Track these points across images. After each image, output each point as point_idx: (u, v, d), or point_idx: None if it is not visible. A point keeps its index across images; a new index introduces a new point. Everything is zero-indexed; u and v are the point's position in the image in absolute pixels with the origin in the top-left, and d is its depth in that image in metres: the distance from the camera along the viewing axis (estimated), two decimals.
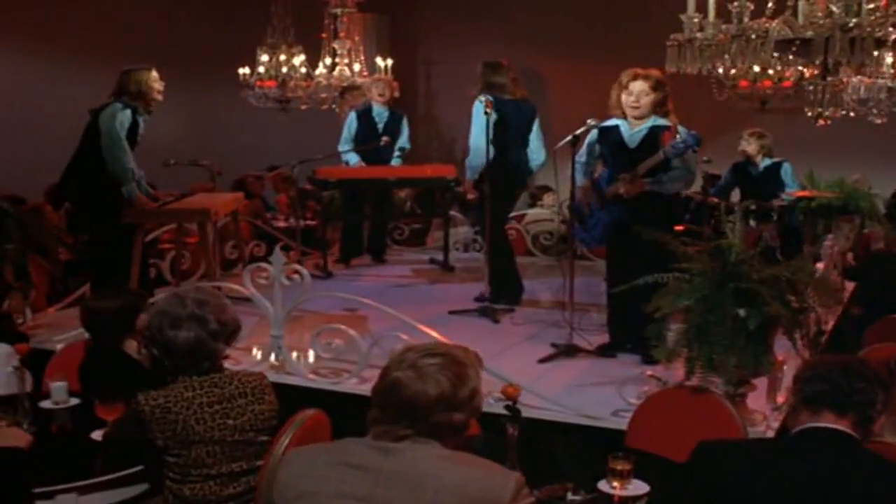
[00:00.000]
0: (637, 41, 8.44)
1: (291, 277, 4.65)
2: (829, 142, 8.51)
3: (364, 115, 7.58)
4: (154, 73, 5.64)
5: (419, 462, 2.08)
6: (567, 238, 5.54)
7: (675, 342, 3.60)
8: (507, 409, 2.85)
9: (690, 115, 5.00)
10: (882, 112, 7.14)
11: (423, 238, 8.85)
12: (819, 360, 2.57)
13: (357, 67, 9.43)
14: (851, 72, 6.37)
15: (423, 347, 2.24)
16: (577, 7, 10.62)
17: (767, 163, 7.19)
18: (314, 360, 4.73)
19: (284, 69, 9.34)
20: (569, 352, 4.97)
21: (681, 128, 4.86)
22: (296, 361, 4.68)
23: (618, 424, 3.80)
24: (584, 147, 5.07)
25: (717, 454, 2.43)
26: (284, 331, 4.69)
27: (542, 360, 4.91)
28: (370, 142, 7.38)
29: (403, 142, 7.68)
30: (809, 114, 7.01)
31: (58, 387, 3.45)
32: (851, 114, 7.20)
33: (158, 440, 2.79)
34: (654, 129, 4.82)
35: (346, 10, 9.20)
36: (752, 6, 3.63)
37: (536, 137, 6.04)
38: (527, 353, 5.02)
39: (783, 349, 3.83)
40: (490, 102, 5.60)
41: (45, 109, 8.84)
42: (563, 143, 5.03)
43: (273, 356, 4.68)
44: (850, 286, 6.04)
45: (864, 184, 6.87)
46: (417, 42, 12.01)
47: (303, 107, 9.51)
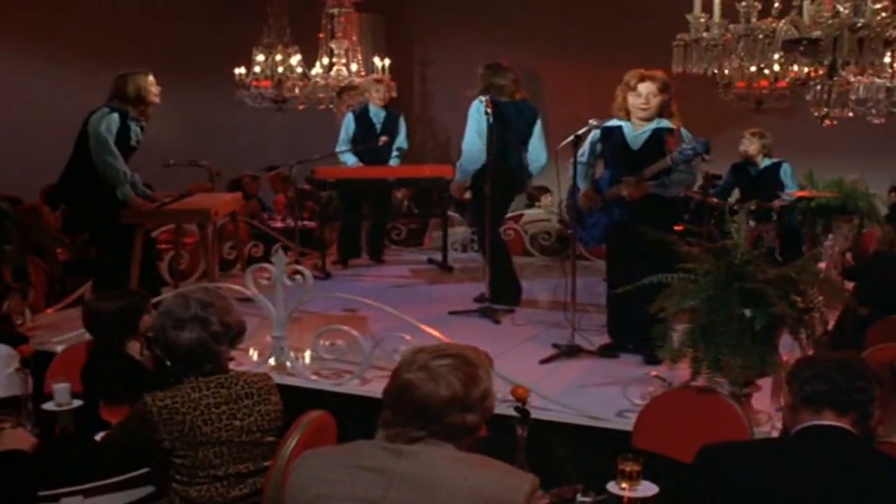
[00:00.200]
0: (634, 41, 8.47)
1: (293, 278, 4.64)
2: (826, 142, 8.52)
3: (361, 117, 7.56)
4: (150, 78, 5.63)
5: (433, 464, 2.05)
6: (566, 238, 5.52)
7: (681, 342, 3.59)
8: (517, 411, 2.84)
9: (688, 115, 4.98)
10: (881, 112, 7.15)
11: (420, 238, 8.84)
12: (815, 359, 2.56)
13: (354, 67, 9.42)
14: (853, 72, 6.37)
15: (434, 348, 2.21)
16: (573, 7, 10.61)
17: (767, 163, 7.18)
18: (313, 361, 4.71)
19: (280, 69, 9.33)
20: (570, 352, 4.95)
21: (684, 131, 4.84)
22: (298, 362, 4.67)
23: (622, 425, 3.80)
24: (587, 146, 5.03)
25: (721, 457, 2.42)
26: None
27: (544, 361, 4.89)
28: (368, 142, 7.37)
29: (401, 141, 7.65)
30: (816, 114, 7.02)
31: (61, 388, 3.40)
32: (850, 113, 7.21)
33: (165, 441, 2.77)
34: (658, 132, 4.80)
35: (344, 10, 9.19)
36: (760, 6, 3.63)
37: (538, 140, 5.96)
38: (528, 354, 5.01)
39: (785, 349, 3.82)
40: (491, 103, 5.57)
41: (42, 110, 8.83)
42: (565, 144, 5.00)
43: (273, 357, 4.66)
44: (849, 286, 6.05)
45: (862, 184, 6.89)
46: (412, 42, 12.00)
47: (300, 107, 9.49)
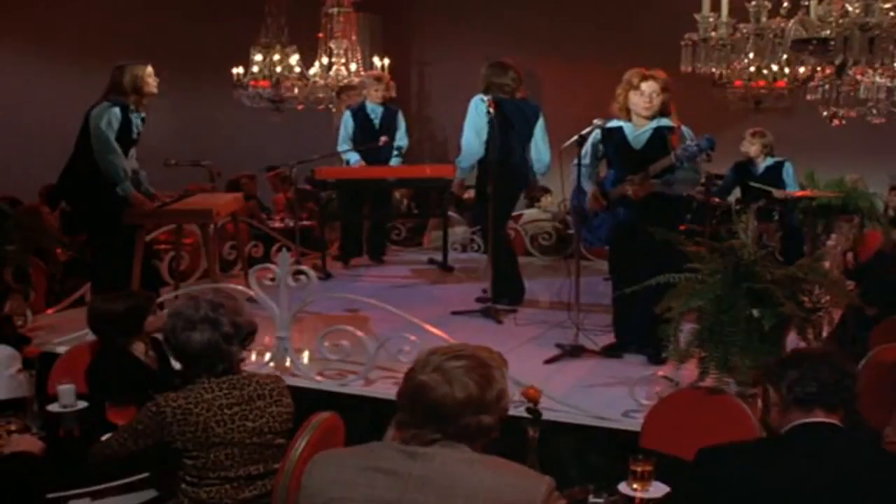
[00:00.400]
0: (634, 41, 8.48)
1: (297, 278, 4.62)
2: (826, 142, 8.54)
3: (359, 113, 7.51)
4: (149, 69, 5.52)
5: (449, 466, 2.04)
6: (567, 238, 5.51)
7: (688, 343, 3.58)
8: (528, 412, 2.83)
9: (688, 115, 4.98)
10: (881, 112, 7.16)
11: (420, 238, 8.83)
12: (798, 359, 2.57)
13: (354, 67, 9.40)
14: (859, 71, 6.37)
15: (448, 349, 2.19)
16: (570, 6, 10.62)
17: (769, 162, 7.16)
18: (317, 362, 4.69)
19: (278, 69, 9.31)
20: (574, 352, 4.94)
21: (685, 129, 4.84)
22: (303, 363, 4.66)
23: (629, 425, 3.80)
24: (588, 148, 5.00)
25: (719, 458, 2.45)
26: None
27: (549, 361, 4.88)
28: (368, 139, 7.33)
29: (401, 139, 7.59)
30: (825, 113, 7.01)
31: (66, 390, 3.37)
32: (852, 113, 7.21)
33: (177, 442, 2.77)
34: (660, 130, 4.79)
35: (343, 10, 9.17)
36: (770, 4, 3.63)
37: (541, 138, 5.94)
38: (532, 354, 4.99)
39: (788, 348, 3.82)
40: (493, 102, 5.56)
41: (40, 110, 8.81)
42: (570, 143, 4.99)
43: (277, 357, 4.65)
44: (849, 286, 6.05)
45: (863, 184, 6.88)
46: (410, 42, 11.99)
47: (299, 107, 9.46)
